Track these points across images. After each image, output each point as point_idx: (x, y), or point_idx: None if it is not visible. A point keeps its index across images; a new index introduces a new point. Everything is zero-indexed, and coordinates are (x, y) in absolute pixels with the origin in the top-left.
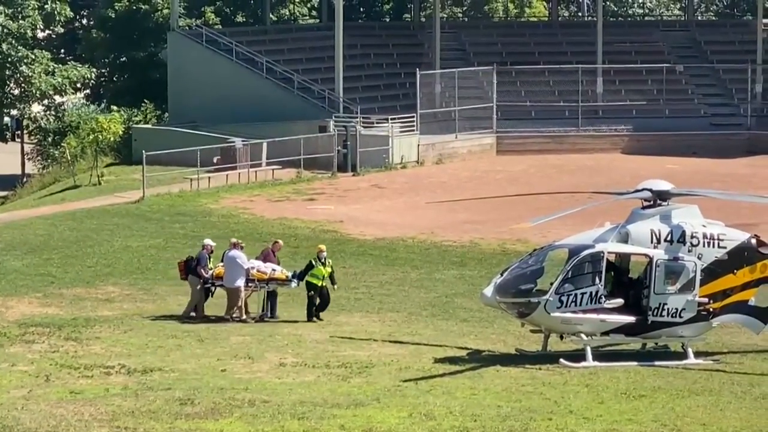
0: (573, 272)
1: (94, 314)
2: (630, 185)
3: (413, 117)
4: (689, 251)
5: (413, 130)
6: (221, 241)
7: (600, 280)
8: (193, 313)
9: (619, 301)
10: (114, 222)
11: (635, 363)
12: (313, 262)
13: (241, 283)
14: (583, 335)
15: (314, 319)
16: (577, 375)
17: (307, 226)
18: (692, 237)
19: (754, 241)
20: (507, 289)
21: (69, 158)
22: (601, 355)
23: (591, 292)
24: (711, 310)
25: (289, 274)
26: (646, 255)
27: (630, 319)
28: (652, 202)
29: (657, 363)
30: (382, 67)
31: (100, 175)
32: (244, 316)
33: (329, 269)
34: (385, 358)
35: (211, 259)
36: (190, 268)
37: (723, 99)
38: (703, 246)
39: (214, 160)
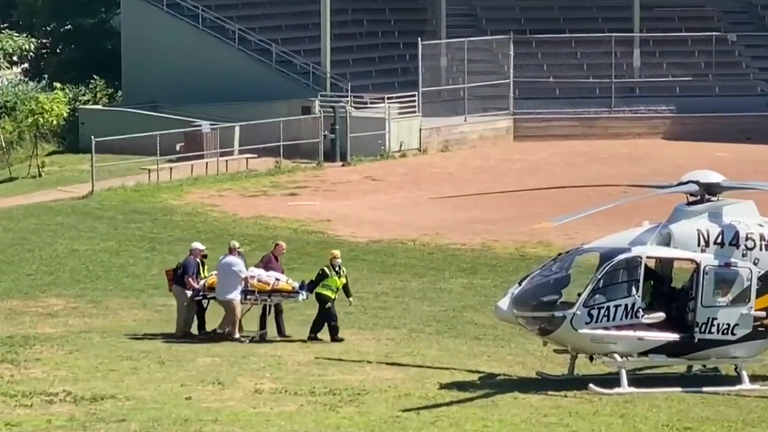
0: (605, 281)
1: (34, 331)
2: (673, 177)
3: (414, 96)
4: (744, 256)
5: (414, 112)
6: (188, 245)
7: (637, 291)
8: (196, 331)
9: (659, 316)
10: (57, 221)
11: (679, 389)
12: (327, 270)
13: (236, 295)
14: (617, 356)
15: (316, 337)
16: (609, 403)
17: (287, 227)
18: (747, 239)
19: None
20: (526, 302)
21: (3, 145)
22: (638, 380)
23: (626, 305)
24: None
25: (296, 285)
26: (692, 260)
27: (673, 336)
28: (699, 197)
29: (705, 389)
30: (378, 36)
31: (41, 166)
32: (237, 335)
33: (344, 279)
34: (380, 383)
35: (206, 267)
36: (177, 277)
37: None
38: (761, 249)
39: (177, 148)
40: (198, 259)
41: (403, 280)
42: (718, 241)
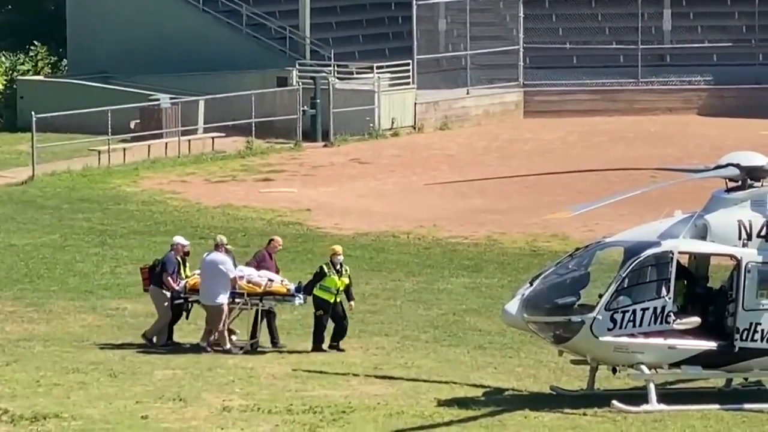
0: (630, 280)
1: None
2: (710, 159)
3: (408, 65)
4: None
5: (408, 84)
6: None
7: (668, 292)
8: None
9: (694, 321)
10: None
11: (717, 406)
12: (325, 269)
13: (223, 298)
14: (644, 367)
15: (325, 348)
16: (636, 423)
17: (260, 217)
18: None
19: None
20: (539, 305)
21: None
22: (669, 396)
23: (655, 308)
24: None
25: (292, 287)
26: (732, 256)
27: (709, 345)
28: (740, 183)
29: (747, 406)
30: None
31: None
32: (228, 345)
33: (346, 280)
34: (369, 399)
35: (187, 265)
36: (154, 275)
37: None
38: None
39: (132, 126)
40: (179, 256)
41: (395, 279)
42: (763, 233)
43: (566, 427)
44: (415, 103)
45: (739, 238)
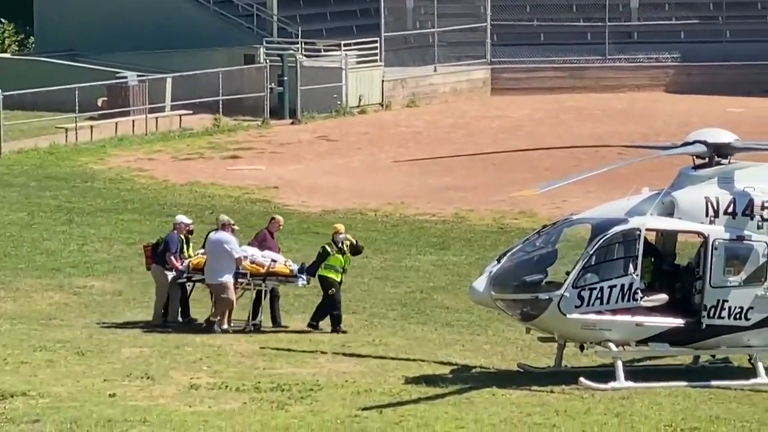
0: (598, 258)
1: None
2: (677, 136)
3: (375, 42)
4: (759, 227)
5: (375, 61)
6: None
7: (635, 269)
8: (179, 318)
9: (661, 298)
10: None
11: (684, 383)
12: (327, 249)
13: (228, 277)
14: (611, 345)
15: (317, 326)
16: (603, 400)
17: (228, 194)
18: (763, 208)
19: None
20: (506, 282)
21: None
22: (636, 373)
23: (623, 286)
24: None
25: (295, 267)
26: (699, 233)
27: (677, 322)
28: (707, 160)
29: (714, 383)
30: None
31: None
32: (226, 325)
33: (348, 255)
34: (336, 377)
35: (190, 245)
36: (157, 254)
37: None
38: None
39: (99, 103)
40: (182, 235)
41: (363, 256)
42: (730, 210)
43: (534, 405)
44: (383, 81)
45: (707, 216)
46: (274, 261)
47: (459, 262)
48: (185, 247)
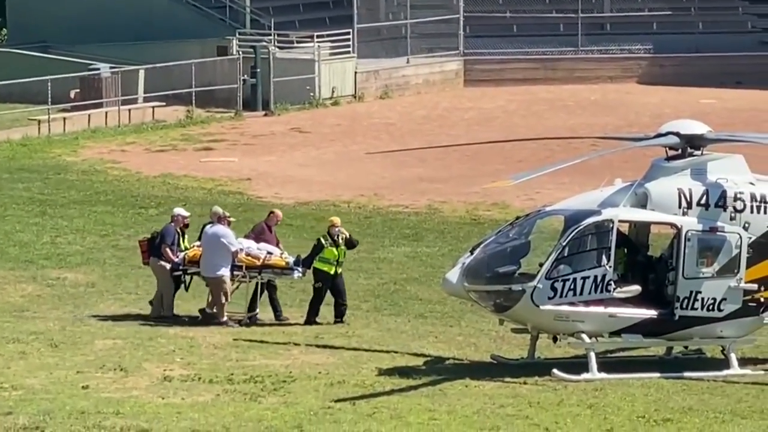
0: (571, 249)
1: None
2: (650, 128)
3: (348, 34)
4: (732, 219)
5: (348, 53)
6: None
7: (608, 260)
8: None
9: (634, 289)
10: None
11: (657, 375)
12: (322, 241)
13: (225, 271)
14: (584, 336)
15: (319, 321)
16: (576, 391)
17: (201, 186)
18: (736, 199)
19: None
20: (479, 273)
21: None
22: (610, 364)
23: (596, 277)
24: (762, 300)
25: (291, 260)
26: (672, 225)
27: (650, 313)
28: (680, 151)
29: (687, 374)
30: None
31: None
32: (224, 317)
33: (343, 248)
34: (309, 369)
35: (185, 237)
36: (153, 247)
37: None
38: (752, 212)
39: (72, 95)
40: (179, 228)
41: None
42: (702, 202)
43: (507, 396)
44: (356, 72)
45: (679, 207)
46: (269, 253)
47: (432, 254)
48: (181, 239)
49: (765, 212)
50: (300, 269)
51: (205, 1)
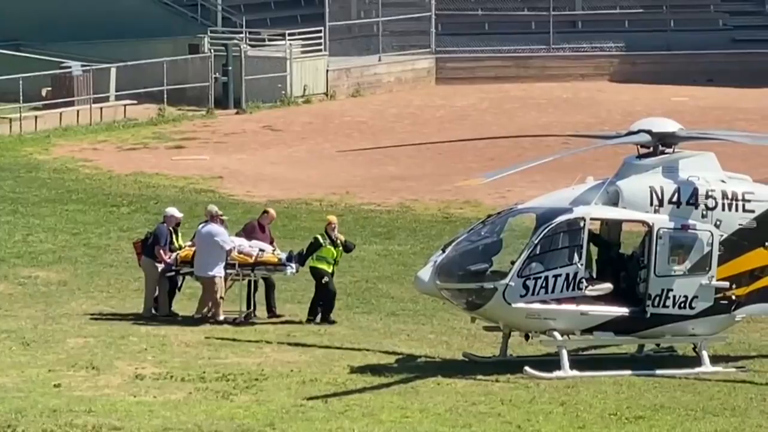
0: (543, 247)
1: None
2: (622, 125)
3: (320, 32)
4: (703, 217)
5: (320, 51)
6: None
7: (580, 258)
8: (155, 311)
9: (606, 287)
10: None
11: (629, 372)
12: (320, 239)
13: (219, 270)
14: (556, 334)
15: (317, 320)
16: (548, 389)
17: (173, 185)
18: (708, 197)
19: None
20: (451, 271)
21: None
22: (581, 362)
23: (567, 275)
24: (734, 298)
25: (283, 256)
26: (643, 222)
27: (621, 311)
28: (651, 149)
29: (659, 372)
30: None
31: None
32: (222, 316)
33: (341, 248)
34: (281, 367)
35: (179, 236)
36: (146, 247)
37: (750, 5)
38: (723, 209)
39: (43, 93)
40: (171, 228)
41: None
42: (674, 199)
43: (479, 394)
44: (327, 70)
45: (651, 205)
46: (261, 250)
47: (404, 252)
48: (174, 238)
49: (736, 210)
50: (293, 265)
51: None
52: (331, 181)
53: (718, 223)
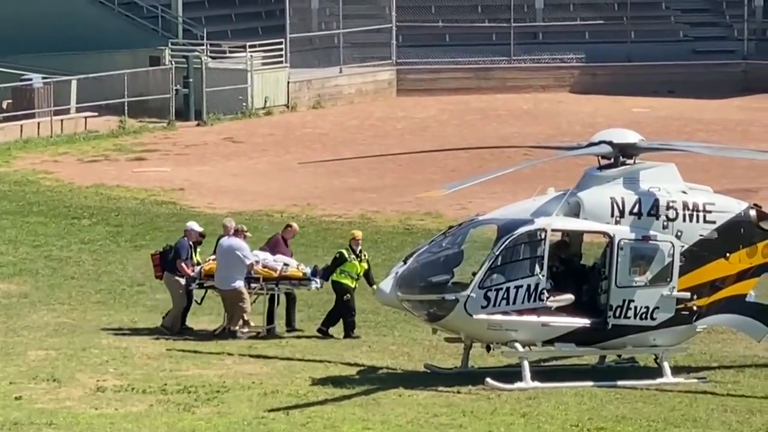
0: (504, 258)
1: None
2: (582, 137)
3: (281, 44)
4: (664, 228)
5: (281, 63)
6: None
7: (541, 269)
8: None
9: (567, 298)
10: None
11: (590, 383)
12: (345, 254)
13: (240, 283)
14: (518, 345)
15: (328, 332)
16: (510, 400)
17: (133, 197)
18: (669, 208)
19: (752, 212)
20: (412, 283)
21: None
22: (543, 373)
23: (529, 286)
24: (695, 308)
25: (308, 270)
26: (604, 233)
27: (583, 322)
28: (612, 160)
29: (620, 383)
30: None
31: None
32: (237, 327)
33: (365, 264)
34: (243, 379)
35: (197, 251)
36: (167, 262)
37: (710, 16)
38: (684, 220)
39: (4, 105)
40: (192, 242)
41: None
42: (635, 210)
43: (440, 405)
44: (288, 82)
45: (612, 216)
46: (286, 265)
47: None
48: (194, 253)
49: (697, 221)
50: (318, 280)
51: (138, 11)
52: (292, 193)
53: (679, 234)
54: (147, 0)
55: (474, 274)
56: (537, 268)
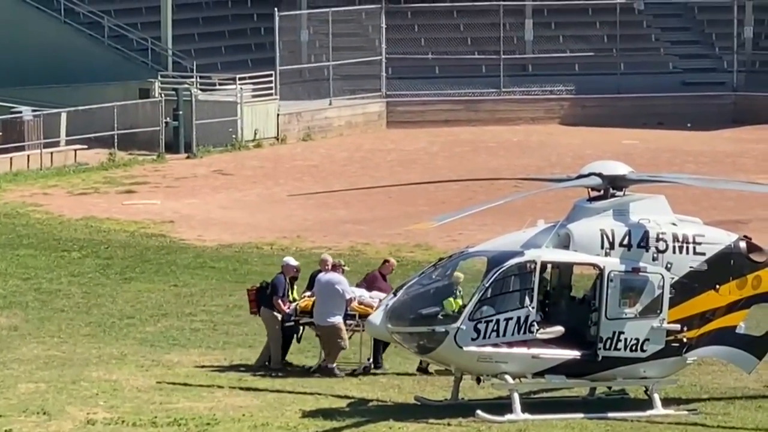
0: (494, 290)
1: None
2: (572, 169)
3: (271, 76)
4: (654, 259)
5: (271, 95)
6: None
7: (531, 301)
8: (267, 362)
9: (557, 330)
10: None
11: (581, 415)
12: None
13: (338, 318)
14: (508, 377)
15: (427, 369)
16: None
17: (123, 229)
18: (658, 240)
19: (742, 244)
20: (402, 315)
21: None
22: (533, 405)
23: (519, 318)
24: (685, 340)
25: None
26: (594, 265)
27: (573, 354)
28: (602, 192)
29: (611, 415)
30: (227, 7)
31: None
32: (334, 363)
33: (460, 301)
34: (233, 411)
35: (294, 287)
36: (263, 298)
37: (699, 48)
38: (674, 252)
39: None
40: (289, 278)
41: None
42: (625, 242)
43: None
44: (278, 114)
45: (602, 247)
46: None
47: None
48: (290, 290)
49: (687, 252)
50: None
51: (127, 44)
52: (282, 225)
53: (669, 265)
54: (137, 32)
55: (464, 306)
56: (527, 300)
